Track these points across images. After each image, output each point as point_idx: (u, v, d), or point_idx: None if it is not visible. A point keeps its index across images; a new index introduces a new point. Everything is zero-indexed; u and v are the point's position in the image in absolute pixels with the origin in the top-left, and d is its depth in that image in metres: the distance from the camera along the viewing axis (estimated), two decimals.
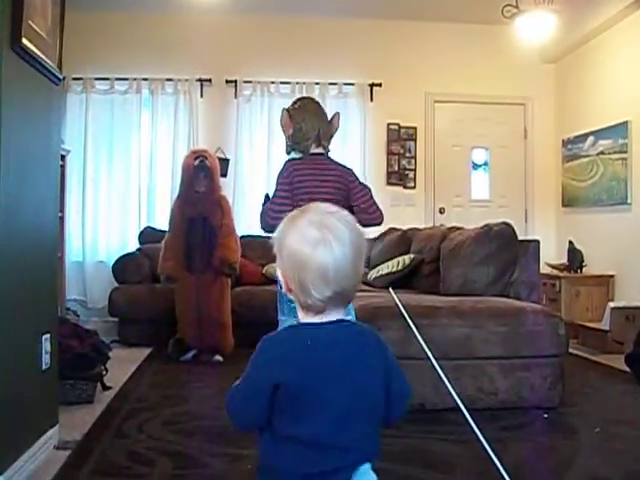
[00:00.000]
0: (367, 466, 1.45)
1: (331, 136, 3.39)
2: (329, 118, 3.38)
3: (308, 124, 3.29)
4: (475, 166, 7.69)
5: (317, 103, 3.44)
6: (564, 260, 6.71)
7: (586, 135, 6.85)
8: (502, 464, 2.58)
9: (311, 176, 3.23)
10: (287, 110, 3.40)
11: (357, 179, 3.44)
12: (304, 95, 3.74)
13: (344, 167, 3.40)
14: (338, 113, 3.43)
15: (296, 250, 1.39)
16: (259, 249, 6.05)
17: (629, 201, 6.13)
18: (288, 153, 3.42)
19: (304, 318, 1.45)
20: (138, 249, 6.51)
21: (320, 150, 3.34)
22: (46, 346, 2.95)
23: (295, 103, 3.45)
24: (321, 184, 3.26)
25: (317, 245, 1.37)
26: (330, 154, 3.50)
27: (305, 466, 1.39)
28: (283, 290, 1.46)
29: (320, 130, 3.30)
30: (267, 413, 1.40)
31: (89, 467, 2.77)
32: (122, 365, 4.80)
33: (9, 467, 2.51)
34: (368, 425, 1.45)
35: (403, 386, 1.55)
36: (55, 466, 2.79)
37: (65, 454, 2.94)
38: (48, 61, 2.90)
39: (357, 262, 1.41)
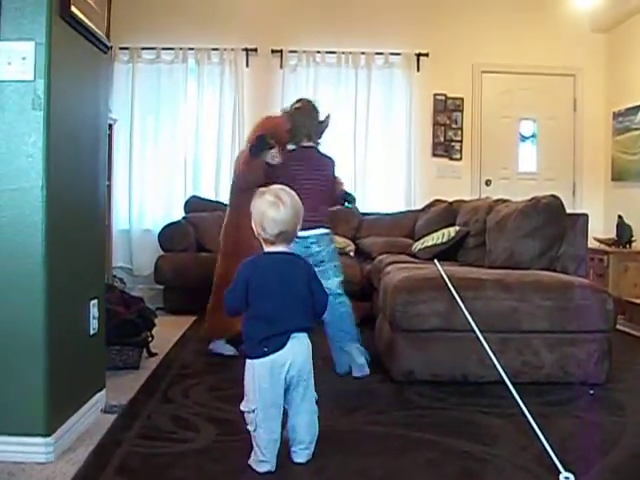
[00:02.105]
0: (303, 334, 2.49)
1: (321, 133, 4.17)
2: (322, 118, 4.15)
3: (300, 123, 4.08)
4: (523, 138, 7.56)
5: (312, 104, 4.22)
6: (612, 235, 6.58)
7: (638, 107, 6.67)
8: (546, 439, 2.57)
9: (302, 162, 4.04)
10: (285, 112, 4.25)
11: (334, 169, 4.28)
12: (303, 100, 4.18)
13: (328, 157, 4.24)
14: (329, 115, 4.20)
15: (260, 208, 2.47)
16: None
17: None
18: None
19: (265, 249, 2.53)
20: (184, 218, 6.57)
21: (310, 144, 4.10)
22: (94, 311, 3.01)
23: (294, 104, 4.24)
24: (308, 168, 4.03)
25: (272, 205, 2.45)
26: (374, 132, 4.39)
27: (263, 332, 2.43)
28: (256, 233, 2.51)
29: (310, 128, 4.08)
30: (244, 299, 2.46)
31: (135, 431, 2.83)
32: (167, 332, 4.87)
33: (58, 428, 2.57)
34: (300, 307, 2.49)
35: (320, 291, 2.59)
36: (102, 429, 2.85)
37: (112, 418, 3.01)
38: (96, 30, 2.91)
39: (294, 218, 2.47)
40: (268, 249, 2.54)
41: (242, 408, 2.48)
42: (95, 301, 3.03)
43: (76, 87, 2.78)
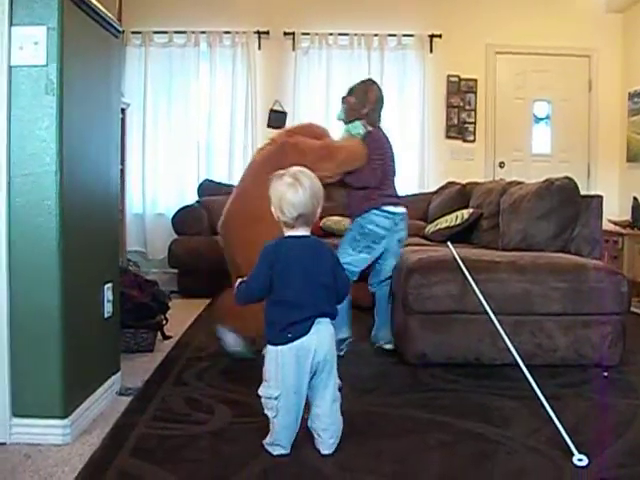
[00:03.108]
0: (326, 319, 2.45)
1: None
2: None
3: (379, 104, 4.10)
4: (537, 119, 7.50)
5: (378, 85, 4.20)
6: (627, 217, 6.53)
7: None
8: (559, 421, 2.57)
9: (386, 142, 4.09)
10: (374, 87, 4.13)
11: None
12: (370, 77, 4.31)
13: None
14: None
15: (279, 190, 2.42)
16: None
17: None
18: (348, 122, 4.10)
19: (285, 232, 2.48)
20: (197, 201, 6.58)
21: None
22: (108, 295, 3.03)
23: (365, 85, 4.15)
24: (390, 148, 4.10)
25: (290, 187, 2.40)
26: (387, 115, 4.51)
27: (287, 318, 2.39)
28: (275, 217, 2.46)
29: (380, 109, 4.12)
30: (269, 284, 2.41)
31: (150, 413, 2.85)
32: (181, 315, 4.90)
33: (75, 410, 2.60)
34: (324, 292, 2.45)
35: (343, 276, 2.56)
36: (117, 411, 2.88)
37: (127, 400, 3.04)
38: (108, 14, 2.91)
39: (313, 199, 2.42)
40: (289, 233, 2.48)
41: (260, 393, 2.46)
42: (109, 285, 3.05)
43: (88, 71, 2.79)
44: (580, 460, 2.34)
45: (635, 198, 6.44)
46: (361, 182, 3.90)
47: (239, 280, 2.54)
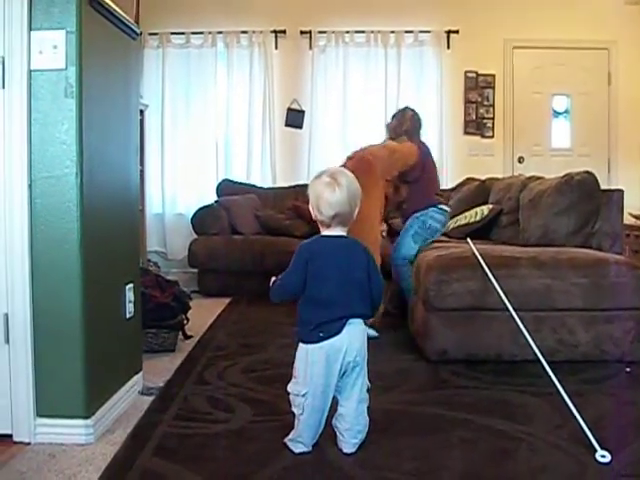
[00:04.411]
0: (358, 320, 2.45)
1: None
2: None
3: (416, 124, 4.82)
4: (556, 114, 7.45)
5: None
6: None
7: None
8: (582, 417, 2.55)
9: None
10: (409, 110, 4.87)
11: None
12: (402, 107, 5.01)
13: None
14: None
15: (317, 189, 2.43)
16: None
17: None
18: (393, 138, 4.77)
19: (322, 232, 2.49)
20: (216, 201, 6.61)
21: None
22: (130, 295, 3.05)
23: (403, 113, 4.85)
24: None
25: (327, 186, 2.41)
26: (404, 105, 5.24)
27: (319, 317, 2.40)
28: (312, 216, 2.49)
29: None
30: (303, 283, 2.41)
31: (172, 412, 2.87)
32: (202, 315, 4.93)
33: (97, 410, 2.63)
34: (357, 293, 2.44)
35: (377, 278, 2.52)
36: (140, 411, 2.90)
37: (149, 399, 3.06)
38: (125, 16, 2.93)
39: (350, 199, 2.41)
40: (325, 232, 2.48)
41: (289, 390, 2.48)
42: (130, 285, 3.07)
43: (107, 74, 2.81)
44: (603, 456, 2.32)
45: None
46: (431, 182, 4.63)
47: (273, 278, 2.56)
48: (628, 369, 3.53)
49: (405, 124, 4.74)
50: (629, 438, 2.55)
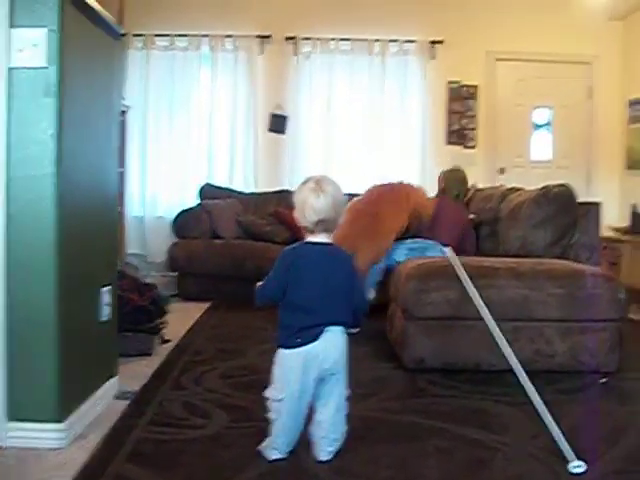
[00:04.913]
0: (339, 328, 2.44)
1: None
2: None
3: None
4: (537, 126, 7.51)
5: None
6: (627, 224, 6.53)
7: None
8: (557, 428, 2.56)
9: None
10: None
11: None
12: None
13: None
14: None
15: (302, 195, 2.42)
16: None
17: None
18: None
19: (306, 238, 2.47)
20: (198, 205, 6.58)
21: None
22: (106, 298, 3.02)
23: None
24: None
25: (312, 192, 2.40)
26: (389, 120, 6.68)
27: (299, 322, 2.39)
28: (297, 222, 2.47)
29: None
30: (284, 287, 2.40)
31: (147, 417, 2.84)
32: (181, 319, 4.89)
33: (71, 414, 2.60)
34: (338, 301, 2.43)
35: (359, 286, 2.57)
36: (114, 415, 2.86)
37: (124, 404, 3.02)
38: (108, 16, 2.91)
39: (335, 206, 2.41)
40: (309, 238, 2.48)
41: (267, 395, 2.46)
42: (107, 288, 3.04)
43: (88, 74, 2.79)
44: (577, 467, 2.33)
45: (634, 205, 6.45)
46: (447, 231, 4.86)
47: (259, 283, 2.55)
48: (603, 380, 3.56)
49: (443, 182, 5.36)
50: (604, 448, 2.56)
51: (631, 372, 3.75)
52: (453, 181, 5.30)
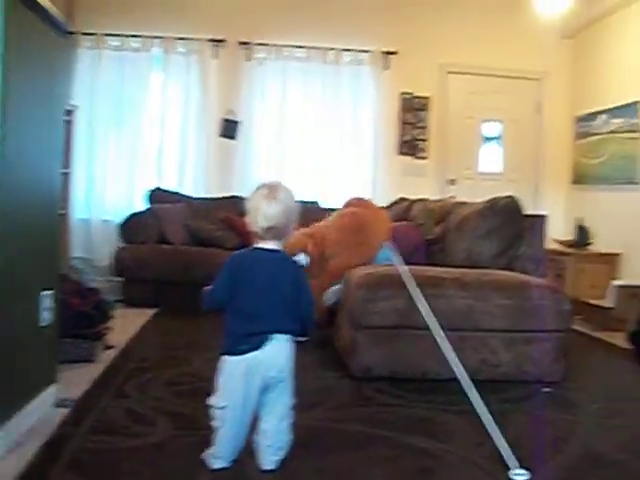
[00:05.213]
0: (285, 336, 2.41)
1: None
2: None
3: None
4: (487, 139, 7.62)
5: None
6: (572, 237, 6.66)
7: (599, 113, 6.78)
8: (501, 436, 2.58)
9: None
10: None
11: None
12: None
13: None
14: None
15: (254, 200, 2.42)
16: None
17: (637, 180, 6.08)
18: None
19: (257, 244, 2.46)
20: (147, 209, 6.48)
21: None
22: (46, 303, 2.93)
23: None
24: None
25: (264, 199, 2.39)
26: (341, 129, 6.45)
27: (243, 329, 2.38)
28: (248, 227, 2.45)
29: None
30: (229, 293, 2.39)
31: (87, 425, 2.77)
32: (126, 325, 4.80)
33: (7, 422, 2.51)
34: (284, 308, 2.40)
35: (307, 296, 2.50)
36: (53, 423, 2.78)
37: (64, 411, 2.94)
38: (55, 12, 2.85)
39: (286, 214, 2.41)
40: (259, 244, 2.46)
41: (210, 402, 2.43)
42: (48, 292, 2.96)
43: (31, 71, 2.71)
44: (520, 475, 2.35)
45: (579, 219, 6.58)
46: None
47: (206, 287, 2.51)
48: (547, 389, 3.60)
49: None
50: (546, 457, 2.59)
51: (574, 382, 3.81)
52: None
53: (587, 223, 6.54)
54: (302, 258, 4.45)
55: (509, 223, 4.31)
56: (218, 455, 2.38)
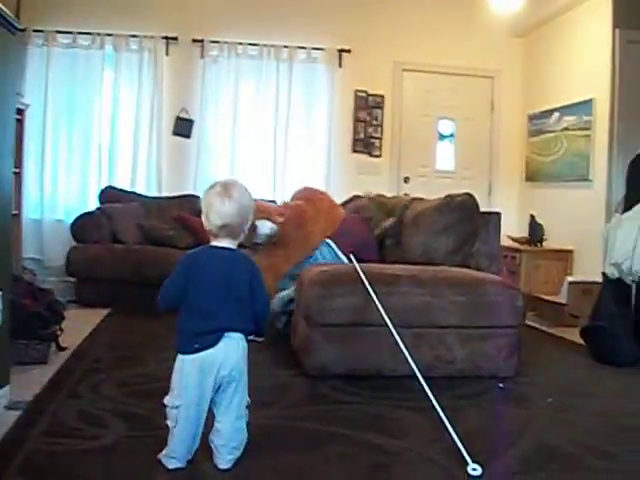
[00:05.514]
0: (238, 334, 2.41)
1: None
2: None
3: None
4: (441, 137, 7.69)
5: None
6: (525, 234, 6.76)
7: (551, 111, 6.89)
8: (455, 431, 2.61)
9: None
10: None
11: None
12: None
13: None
14: None
15: (208, 198, 2.41)
16: None
17: (590, 178, 6.19)
18: None
19: (211, 242, 2.45)
20: (98, 208, 6.39)
21: None
22: None
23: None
24: None
25: (217, 196, 2.38)
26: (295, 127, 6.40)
27: (196, 327, 2.36)
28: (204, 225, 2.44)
29: None
30: (183, 291, 2.37)
31: (40, 428, 2.72)
32: (79, 325, 4.73)
33: None
34: (237, 307, 2.39)
35: (261, 294, 2.47)
36: (5, 426, 2.73)
37: (16, 414, 2.89)
38: (4, 9, 2.79)
39: (240, 212, 2.40)
40: (213, 243, 2.46)
41: (165, 402, 2.41)
42: None
43: None
44: (474, 470, 2.38)
45: (532, 216, 6.68)
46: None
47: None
48: (501, 384, 3.65)
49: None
50: (500, 451, 2.62)
51: (528, 377, 3.87)
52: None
53: (540, 220, 6.64)
54: (267, 226, 4.43)
55: (466, 220, 4.36)
56: (172, 455, 2.36)
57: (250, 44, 7.09)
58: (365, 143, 7.42)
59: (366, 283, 3.60)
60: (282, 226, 4.77)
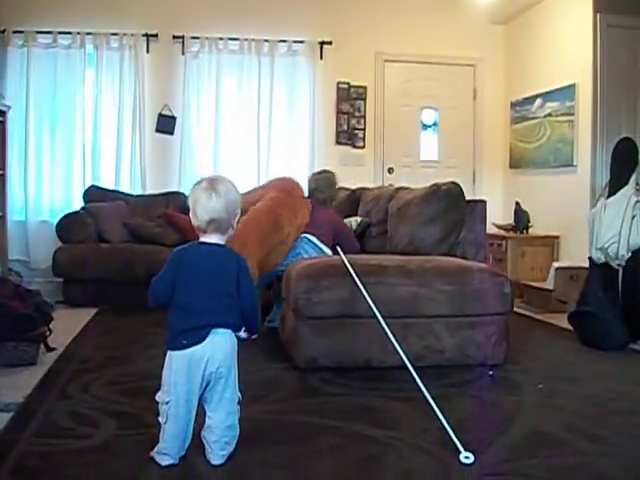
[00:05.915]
0: (226, 330, 2.41)
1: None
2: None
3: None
4: (424, 126, 7.69)
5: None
6: (511, 221, 6.79)
7: (534, 97, 6.91)
8: (447, 420, 2.63)
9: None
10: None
11: None
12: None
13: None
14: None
15: (195, 194, 2.42)
16: None
17: (574, 163, 6.22)
18: None
19: (200, 238, 2.46)
20: (82, 208, 6.36)
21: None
22: None
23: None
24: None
25: (204, 192, 2.39)
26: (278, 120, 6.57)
27: (184, 323, 2.37)
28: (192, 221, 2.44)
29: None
30: (171, 288, 2.39)
31: (32, 429, 2.72)
32: (67, 326, 4.72)
33: None
34: (225, 302, 2.40)
35: (248, 290, 2.47)
36: None
37: (7, 416, 2.88)
38: None
39: (227, 207, 2.40)
40: (201, 238, 2.47)
41: (157, 398, 2.42)
42: None
43: None
44: (466, 458, 2.40)
45: (517, 203, 6.71)
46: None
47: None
48: (491, 372, 3.68)
49: (313, 185, 5.24)
50: (491, 439, 2.64)
51: (517, 364, 3.89)
52: (321, 185, 5.18)
53: (525, 207, 6.67)
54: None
55: (452, 209, 4.37)
56: (165, 451, 2.37)
57: (231, 39, 7.06)
58: (348, 135, 7.42)
59: (353, 275, 3.60)
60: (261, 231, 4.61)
